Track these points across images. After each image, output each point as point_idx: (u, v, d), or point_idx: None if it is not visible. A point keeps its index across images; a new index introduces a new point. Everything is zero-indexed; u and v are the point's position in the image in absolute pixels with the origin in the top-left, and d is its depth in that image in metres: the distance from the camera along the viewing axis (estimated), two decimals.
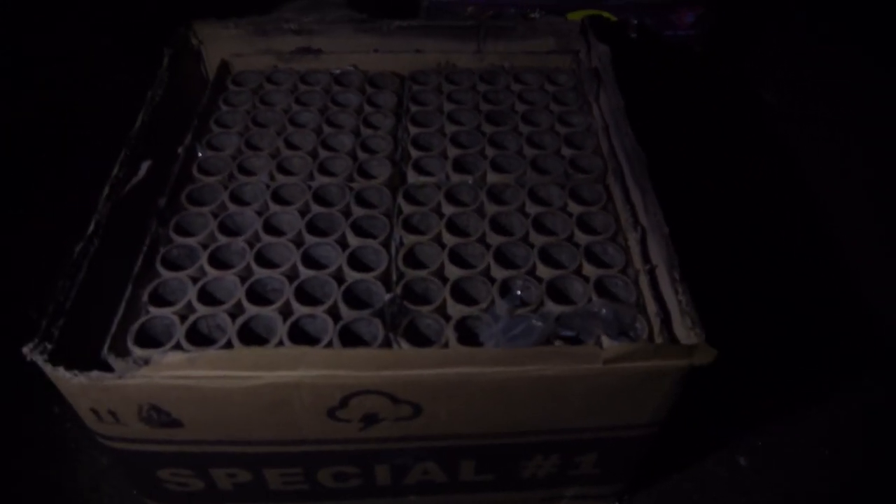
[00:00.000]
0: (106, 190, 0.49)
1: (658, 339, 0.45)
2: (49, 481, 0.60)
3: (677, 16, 0.85)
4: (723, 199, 0.85)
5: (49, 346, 0.40)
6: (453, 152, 0.59)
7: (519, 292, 0.48)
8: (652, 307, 0.47)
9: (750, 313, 0.74)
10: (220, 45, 0.68)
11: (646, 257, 0.50)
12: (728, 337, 0.45)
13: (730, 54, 1.06)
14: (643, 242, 0.51)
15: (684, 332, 0.43)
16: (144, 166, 0.53)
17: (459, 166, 0.58)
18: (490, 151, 0.60)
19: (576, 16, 0.82)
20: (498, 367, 0.40)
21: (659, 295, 0.47)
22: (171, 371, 0.38)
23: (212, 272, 0.49)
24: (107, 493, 0.59)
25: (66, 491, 0.59)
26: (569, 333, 0.45)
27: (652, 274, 0.49)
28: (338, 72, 0.68)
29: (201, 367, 0.38)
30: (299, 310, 0.47)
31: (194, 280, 0.49)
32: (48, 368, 0.39)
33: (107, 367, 0.43)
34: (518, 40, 0.69)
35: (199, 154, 0.59)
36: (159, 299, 0.48)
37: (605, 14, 0.81)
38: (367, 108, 0.64)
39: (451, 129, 0.62)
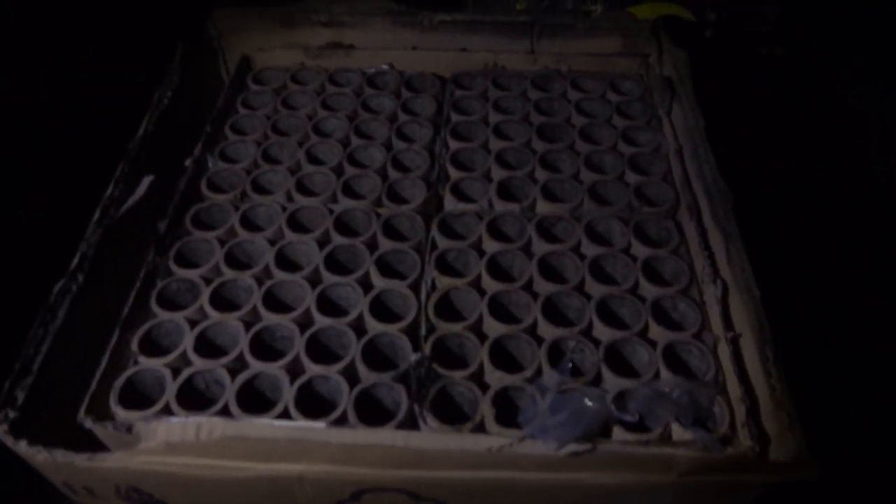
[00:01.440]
0: (97, 214, 0.43)
1: (741, 432, 0.37)
2: None
3: (760, 9, 0.74)
4: (809, 234, 0.72)
5: (11, 414, 0.34)
6: (499, 174, 0.51)
7: (570, 363, 0.40)
8: (735, 389, 0.38)
9: (836, 388, 0.62)
10: (242, 37, 0.61)
11: (727, 321, 0.41)
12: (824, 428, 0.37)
13: (818, 56, 0.93)
14: (724, 301, 0.42)
15: (777, 427, 0.35)
16: (145, 182, 0.46)
17: (505, 191, 0.50)
18: (541, 174, 0.51)
19: (643, 10, 0.72)
20: (546, 474, 0.32)
21: (744, 374, 0.39)
22: (148, 457, 0.32)
23: (214, 315, 0.43)
24: None
25: None
26: (629, 419, 0.37)
27: (735, 344, 0.40)
28: (371, 71, 0.60)
29: (184, 455, 0.32)
30: (311, 369, 0.40)
31: (193, 323, 0.42)
32: (9, 441, 0.33)
33: (83, 433, 0.37)
34: (577, 39, 0.60)
35: (210, 166, 0.52)
36: (151, 345, 0.41)
37: (677, 9, 0.71)
38: (402, 116, 0.56)
39: (496, 144, 0.54)
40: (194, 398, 0.39)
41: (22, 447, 0.33)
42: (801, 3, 0.73)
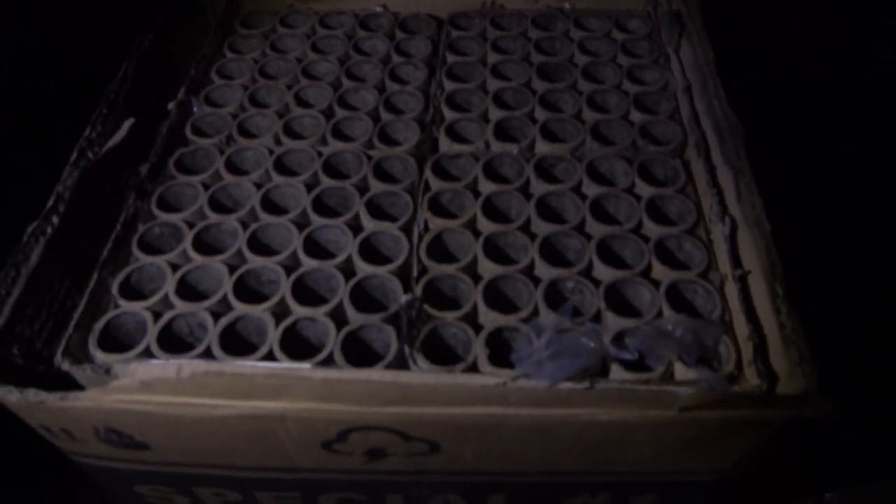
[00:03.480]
0: (74, 154, 0.41)
1: (748, 371, 0.35)
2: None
3: None
4: (827, 182, 0.70)
5: None
6: (496, 114, 0.49)
7: (570, 297, 0.39)
8: (742, 327, 0.36)
9: (849, 328, 0.61)
10: None
11: (735, 259, 0.39)
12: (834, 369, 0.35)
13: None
14: (732, 239, 0.40)
15: (786, 365, 0.33)
16: (126, 126, 0.44)
17: (503, 132, 0.48)
18: (541, 114, 0.49)
19: None
20: (538, 410, 0.30)
21: (752, 312, 0.36)
22: (123, 396, 0.30)
23: (197, 258, 0.41)
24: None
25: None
26: (629, 357, 0.35)
27: (744, 282, 0.38)
28: (364, 13, 0.57)
29: (160, 393, 0.30)
30: (297, 311, 0.38)
31: (175, 267, 0.40)
32: None
33: (61, 376, 0.36)
34: None
35: (195, 111, 0.50)
36: (131, 290, 0.40)
37: None
38: (396, 58, 0.54)
39: (494, 85, 0.51)
40: (176, 342, 0.38)
41: None
42: None
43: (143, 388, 0.30)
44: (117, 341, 0.38)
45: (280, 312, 0.38)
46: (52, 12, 0.78)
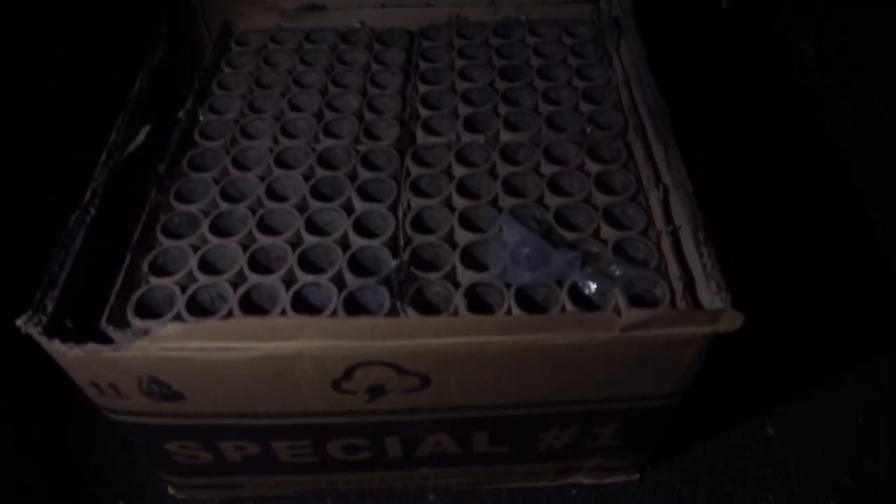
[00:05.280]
0: (103, 156, 0.48)
1: (681, 305, 0.42)
2: (69, 451, 0.60)
3: None
4: (750, 157, 0.81)
5: (43, 318, 0.38)
6: (464, 110, 0.56)
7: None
8: (674, 271, 0.44)
9: (778, 276, 0.70)
10: (222, 4, 0.65)
11: (668, 218, 0.47)
12: (756, 300, 0.42)
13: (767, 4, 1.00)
14: (665, 202, 0.48)
15: (709, 296, 0.41)
16: (143, 131, 0.51)
17: (471, 125, 0.55)
18: (503, 109, 0.56)
19: None
20: (507, 336, 0.37)
21: (682, 258, 0.44)
22: (169, 343, 0.37)
23: (213, 240, 0.48)
24: (123, 463, 0.59)
25: (90, 458, 0.59)
26: (584, 279, 0.43)
27: (675, 235, 0.46)
28: (344, 29, 0.65)
29: (198, 339, 0.37)
30: (303, 278, 0.45)
31: (195, 248, 0.47)
32: (43, 341, 0.38)
33: (106, 339, 0.42)
34: None
35: (201, 118, 0.57)
36: (159, 269, 0.46)
37: None
38: (375, 67, 0.61)
39: (462, 86, 0.59)
40: (200, 312, 0.44)
41: (55, 346, 0.38)
42: None
43: (184, 334, 0.37)
44: (150, 311, 0.44)
45: (288, 280, 0.45)
46: (51, 12, 0.83)
